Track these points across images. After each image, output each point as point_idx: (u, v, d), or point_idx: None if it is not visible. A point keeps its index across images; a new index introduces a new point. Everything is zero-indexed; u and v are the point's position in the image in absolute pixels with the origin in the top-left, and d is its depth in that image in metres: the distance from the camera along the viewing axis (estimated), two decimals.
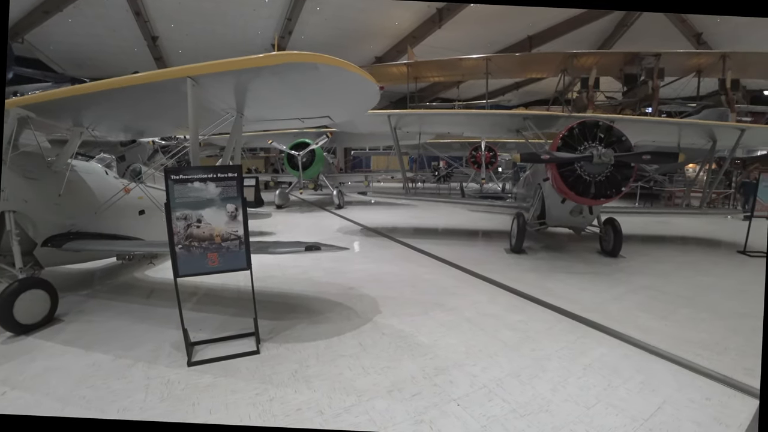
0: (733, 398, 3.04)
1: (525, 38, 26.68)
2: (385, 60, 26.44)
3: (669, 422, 2.71)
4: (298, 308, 4.72)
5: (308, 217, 12.41)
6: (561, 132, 6.47)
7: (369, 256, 7.43)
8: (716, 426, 2.70)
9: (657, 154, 6.15)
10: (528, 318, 4.48)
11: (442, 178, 22.43)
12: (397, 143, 9.50)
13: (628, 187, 6.35)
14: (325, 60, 3.28)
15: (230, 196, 3.40)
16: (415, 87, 23.53)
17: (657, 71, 18.29)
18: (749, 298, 5.44)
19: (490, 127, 10.22)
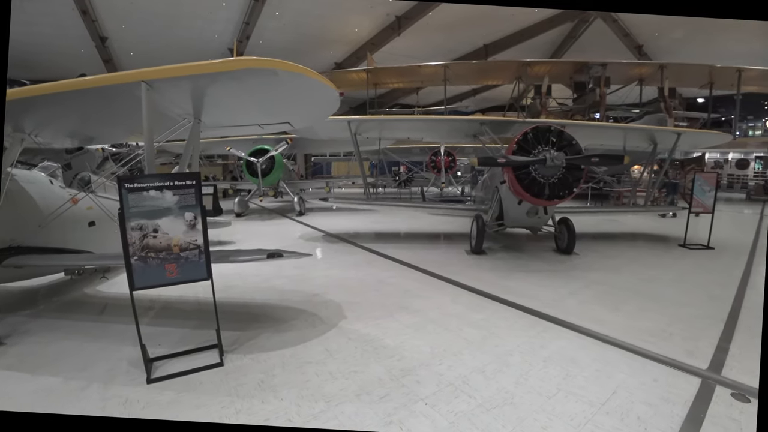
0: (677, 378, 3.32)
1: (481, 47, 27.57)
2: (344, 66, 26.51)
3: (623, 404, 2.92)
4: (262, 317, 4.64)
5: (269, 224, 12.19)
6: (516, 137, 6.76)
7: (332, 262, 7.41)
8: (664, 404, 2.94)
9: (605, 156, 6.55)
10: (490, 316, 4.63)
11: (402, 183, 22.68)
12: (357, 149, 9.56)
13: (579, 187, 6.71)
14: (284, 66, 3.27)
15: (188, 205, 3.31)
16: (375, 93, 23.73)
17: (603, 80, 19.46)
18: (689, 288, 5.94)
19: (448, 132, 10.50)
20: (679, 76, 20.55)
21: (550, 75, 20.75)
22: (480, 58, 26.83)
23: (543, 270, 6.76)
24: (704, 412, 2.87)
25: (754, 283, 6.25)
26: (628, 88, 21.17)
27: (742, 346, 3.98)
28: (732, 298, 5.46)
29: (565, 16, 25.06)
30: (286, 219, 13.17)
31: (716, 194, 9.21)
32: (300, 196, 14.34)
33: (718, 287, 5.95)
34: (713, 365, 3.57)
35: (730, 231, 11.17)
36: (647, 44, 26.42)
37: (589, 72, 19.96)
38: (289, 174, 15.68)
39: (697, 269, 7.14)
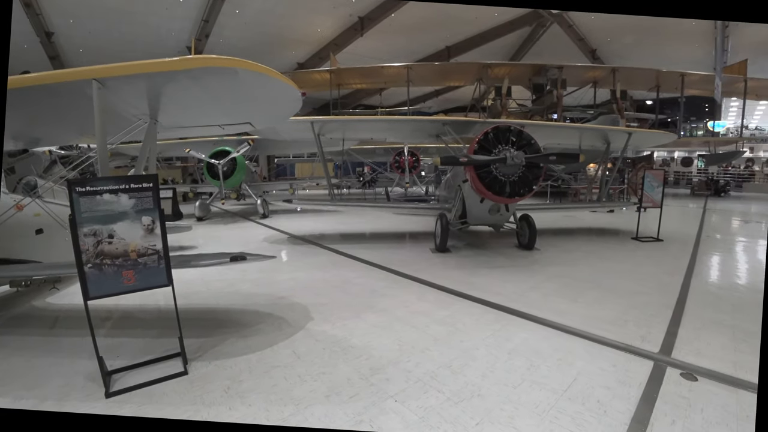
0: (633, 362, 3.53)
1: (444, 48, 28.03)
2: (307, 66, 26.25)
3: (584, 390, 3.08)
4: (227, 323, 4.53)
5: (232, 228, 11.88)
6: (477, 136, 6.92)
7: (298, 265, 7.33)
8: (621, 387, 3.12)
9: (561, 155, 6.83)
10: (456, 312, 4.73)
11: (367, 184, 22.71)
12: (321, 150, 9.49)
13: (538, 185, 6.96)
14: (245, 65, 3.20)
15: (146, 208, 3.19)
16: (338, 94, 23.64)
17: (560, 82, 20.27)
18: (641, 277, 6.31)
19: (411, 132, 10.61)
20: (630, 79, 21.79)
21: (509, 77, 21.43)
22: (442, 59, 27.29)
23: (506, 266, 6.97)
24: (657, 392, 3.07)
25: (699, 271, 6.73)
26: (583, 90, 22.19)
27: (689, 329, 4.28)
28: (679, 286, 5.85)
29: (523, 20, 25.88)
30: (249, 222, 12.89)
31: (664, 190, 9.79)
32: (263, 199, 14.05)
33: (668, 276, 6.36)
34: (664, 348, 3.82)
35: (677, 224, 11.88)
36: (600, 49, 27.89)
37: (546, 74, 20.76)
38: (251, 176, 15.34)
39: (649, 260, 7.59)
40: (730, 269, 7.26)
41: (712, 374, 3.35)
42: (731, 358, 3.64)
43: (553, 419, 2.73)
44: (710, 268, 7.14)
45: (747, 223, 13.80)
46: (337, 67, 21.99)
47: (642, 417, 2.75)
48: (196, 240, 9.47)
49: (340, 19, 23.81)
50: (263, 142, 13.83)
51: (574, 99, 22.74)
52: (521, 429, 2.64)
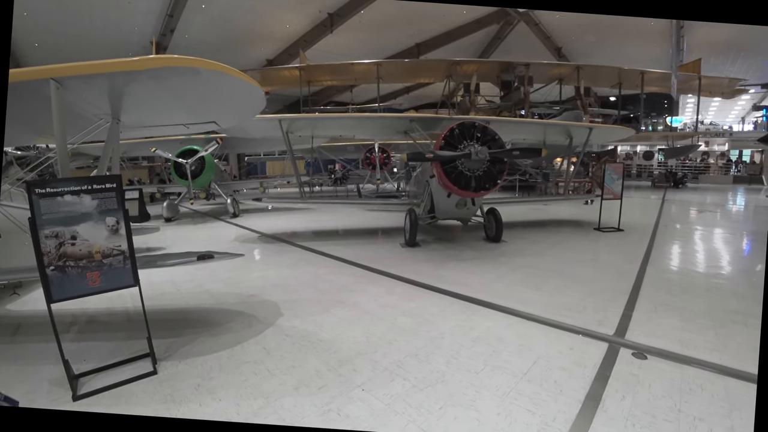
0: (589, 345, 3.77)
1: (413, 45, 28.22)
2: (276, 63, 25.93)
3: (542, 372, 3.27)
4: (197, 322, 4.53)
5: (201, 228, 11.70)
6: (443, 132, 7.09)
7: (269, 263, 7.33)
8: (577, 368, 3.34)
9: (524, 149, 7.11)
10: (423, 304, 4.88)
11: (338, 181, 22.71)
12: (290, 148, 9.46)
13: (503, 179, 7.20)
14: (207, 65, 3.21)
15: (110, 209, 3.18)
16: (308, 91, 23.49)
17: (527, 79, 20.80)
18: (601, 266, 6.69)
19: (380, 129, 10.72)
20: (593, 76, 22.61)
21: (478, 74, 21.84)
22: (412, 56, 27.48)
23: (473, 258, 7.18)
24: (610, 371, 3.29)
25: (655, 259, 7.13)
26: (549, 86, 22.84)
27: (642, 312, 4.58)
28: (636, 273, 6.19)
29: (491, 18, 26.36)
30: (219, 222, 12.72)
31: (623, 182, 10.26)
32: (233, 198, 13.87)
33: (626, 264, 6.71)
34: (618, 331, 4.07)
35: (638, 214, 12.45)
36: (566, 47, 28.79)
37: (514, 71, 21.28)
38: (220, 175, 15.09)
39: (609, 249, 7.99)
40: (683, 256, 7.73)
41: (660, 353, 3.61)
42: (678, 337, 3.93)
43: (512, 400, 2.89)
44: (665, 255, 7.57)
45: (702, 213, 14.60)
46: (306, 64, 21.86)
47: (595, 394, 2.96)
48: (165, 241, 9.30)
49: (309, 15, 23.61)
50: (232, 141, 13.62)
51: (541, 95, 23.38)
52: (482, 410, 2.79)
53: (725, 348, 3.71)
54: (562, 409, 2.80)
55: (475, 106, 21.73)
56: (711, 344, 3.79)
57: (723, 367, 3.36)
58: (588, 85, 23.03)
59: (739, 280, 6.09)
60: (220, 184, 14.30)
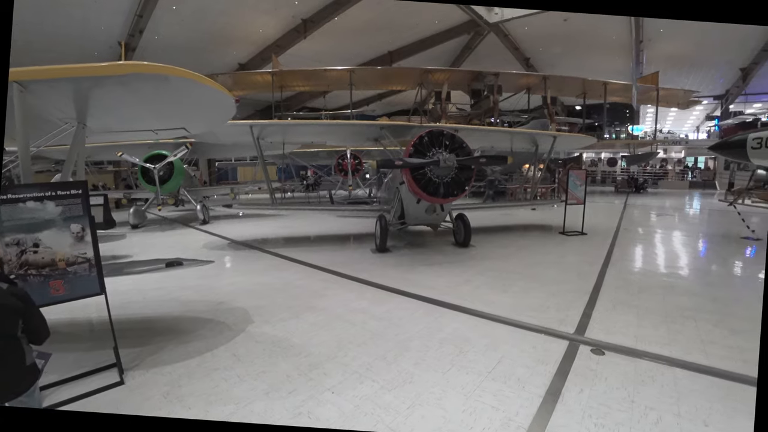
0: (551, 343, 3.95)
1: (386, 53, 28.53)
2: (249, 67, 25.67)
3: (506, 370, 3.41)
4: (165, 331, 4.46)
5: (170, 235, 11.44)
6: (412, 140, 7.26)
7: (239, 270, 7.27)
8: (539, 365, 3.50)
9: (491, 157, 7.35)
10: (393, 308, 4.97)
11: (310, 187, 22.62)
12: (261, 154, 9.40)
13: (470, 186, 7.40)
14: (176, 72, 3.19)
15: (74, 216, 3.13)
16: (281, 96, 23.37)
17: (496, 88, 21.38)
18: (565, 268, 6.96)
19: (351, 136, 10.81)
20: (559, 86, 23.49)
21: (449, 82, 22.30)
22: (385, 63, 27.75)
23: (442, 262, 7.34)
24: (569, 367, 3.47)
25: (615, 260, 7.50)
26: (517, 95, 23.55)
27: (602, 311, 4.83)
28: (597, 274, 6.50)
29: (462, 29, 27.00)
30: (188, 228, 12.45)
31: (586, 188, 10.70)
32: (203, 204, 13.59)
33: (588, 265, 7.03)
34: (579, 329, 4.28)
35: (601, 218, 12.96)
36: (533, 58, 29.85)
37: (483, 80, 21.83)
38: (190, 180, 14.78)
39: (572, 252, 8.32)
40: (642, 257, 8.16)
41: (617, 348, 3.83)
42: (633, 333, 4.18)
43: (477, 398, 3.02)
44: (625, 257, 7.94)
45: (660, 216, 15.35)
46: (279, 68, 21.74)
47: (555, 389, 3.12)
48: (131, 248, 9.08)
49: (282, 20, 23.52)
50: (202, 146, 13.39)
51: (510, 104, 24.07)
52: (448, 408, 2.89)
53: (675, 342, 3.98)
54: (524, 404, 2.94)
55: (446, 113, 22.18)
56: (663, 339, 4.05)
57: (672, 359, 3.61)
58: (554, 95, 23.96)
59: (692, 279, 6.50)
60: (190, 189, 14.00)
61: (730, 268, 7.51)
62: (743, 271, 7.37)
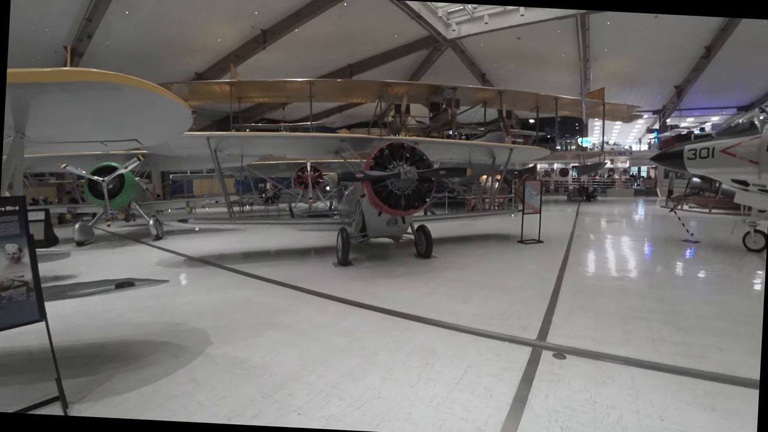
0: (515, 350, 4.02)
1: (346, 66, 28.70)
2: (206, 77, 25.01)
3: (473, 380, 3.42)
4: (115, 357, 4.14)
5: (120, 252, 10.81)
6: (373, 153, 7.30)
7: (196, 288, 6.96)
8: (505, 373, 3.54)
9: (451, 169, 7.51)
10: (356, 322, 4.91)
11: (269, 200, 22.18)
12: (218, 166, 9.09)
13: (431, 197, 7.51)
14: (129, 81, 3.01)
15: (10, 234, 2.87)
16: (239, 107, 22.89)
17: (454, 101, 21.97)
18: (524, 275, 7.19)
19: (311, 148, 10.74)
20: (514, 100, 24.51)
21: (408, 95, 22.72)
22: (345, 76, 27.92)
23: (405, 274, 7.36)
24: (534, 372, 3.53)
25: (571, 266, 7.82)
26: (474, 109, 24.33)
27: (561, 316, 4.99)
28: (554, 280, 6.73)
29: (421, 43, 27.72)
30: (140, 245, 11.82)
31: (542, 197, 11.13)
32: (156, 219, 12.92)
33: (546, 272, 7.28)
34: (540, 335, 4.39)
35: (556, 226, 13.50)
36: (489, 73, 31.20)
37: (442, 94, 22.38)
38: (142, 194, 14.05)
39: (531, 259, 8.60)
40: (595, 262, 8.58)
41: (577, 351, 3.95)
42: (592, 336, 4.34)
43: (446, 410, 3.00)
44: (580, 263, 8.30)
45: (610, 223, 16.19)
46: (238, 79, 21.32)
47: (522, 396, 3.16)
48: (77, 268, 8.47)
49: (242, 30, 23.16)
50: (156, 157, 12.75)
51: (467, 117, 24.83)
52: (418, 422, 2.86)
53: (630, 342, 4.17)
54: (493, 413, 2.95)
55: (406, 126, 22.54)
56: (619, 339, 4.23)
57: (628, 359, 3.77)
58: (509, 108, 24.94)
59: (641, 281, 6.87)
60: (142, 203, 13.31)
61: (673, 270, 8.05)
62: (684, 271, 7.93)
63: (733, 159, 8.02)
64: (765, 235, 8.75)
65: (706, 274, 7.50)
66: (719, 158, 8.32)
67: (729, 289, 6.40)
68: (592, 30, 25.53)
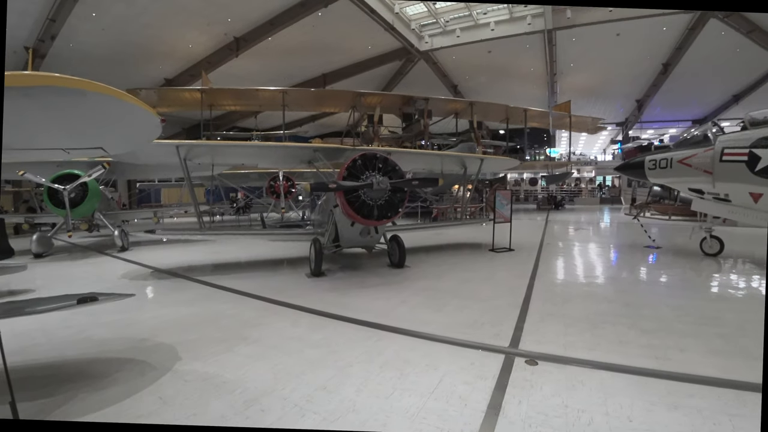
0: (488, 358, 4.06)
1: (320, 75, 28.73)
2: (176, 83, 24.46)
3: (448, 389, 3.43)
4: (77, 377, 3.91)
5: (82, 264, 10.33)
6: (346, 163, 7.31)
7: (163, 301, 6.70)
8: (479, 381, 3.56)
9: (423, 179, 7.61)
10: (330, 334, 4.84)
11: (240, 210, 21.73)
12: (187, 175, 8.87)
13: (403, 207, 7.56)
14: (95, 87, 2.89)
15: None
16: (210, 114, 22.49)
17: (427, 112, 22.31)
18: (496, 283, 7.33)
19: (283, 158, 10.64)
20: (485, 112, 25.17)
21: (381, 106, 22.96)
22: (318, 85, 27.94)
23: (378, 284, 7.33)
24: (507, 379, 3.57)
25: (541, 274, 8.00)
26: (446, 119, 24.81)
27: (532, 323, 5.08)
28: (525, 287, 6.87)
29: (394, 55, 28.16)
30: (104, 256, 11.33)
31: (512, 206, 11.38)
32: (122, 229, 12.40)
33: (517, 280, 7.41)
34: (513, 342, 4.45)
35: (526, 235, 13.78)
36: (461, 85, 32.06)
37: (414, 105, 22.73)
38: (107, 203, 13.48)
39: (502, 267, 8.76)
40: (563, 269, 8.82)
41: (548, 357, 4.02)
42: (562, 341, 4.44)
43: (422, 420, 2.99)
44: (549, 270, 8.50)
45: (577, 230, 16.70)
46: (209, 86, 20.98)
47: (496, 403, 3.19)
48: (34, 282, 8.04)
49: (214, 37, 22.86)
50: (122, 165, 12.27)
51: (439, 128, 25.30)
52: None
53: (599, 346, 4.29)
54: (468, 421, 2.96)
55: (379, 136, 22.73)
56: (588, 344, 4.35)
57: (597, 363, 3.88)
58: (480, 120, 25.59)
59: (607, 287, 7.13)
60: (106, 213, 12.79)
61: (637, 275, 8.37)
62: (648, 276, 8.27)
63: (690, 169, 8.47)
64: (720, 240, 9.24)
65: (667, 279, 7.83)
66: (677, 168, 8.78)
67: (689, 293, 6.69)
68: (559, 45, 26.65)
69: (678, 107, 35.26)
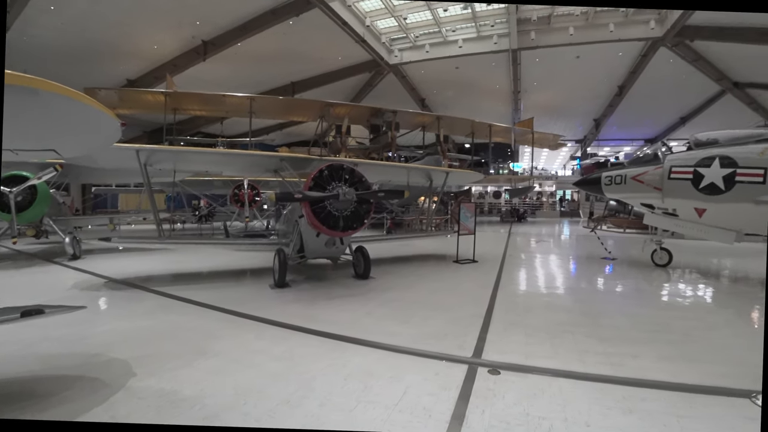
0: (452, 368, 4.10)
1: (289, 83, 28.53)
2: (139, 84, 23.58)
3: (412, 400, 3.43)
4: (20, 396, 3.62)
5: (27, 273, 9.68)
6: (312, 173, 7.27)
7: (118, 313, 6.33)
8: (443, 391, 3.59)
9: (388, 191, 7.69)
10: (293, 346, 4.74)
11: (203, 218, 21.09)
12: (147, 181, 8.50)
13: (369, 219, 7.58)
14: (49, 86, 2.71)
15: None
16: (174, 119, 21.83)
17: (394, 124, 22.53)
18: (460, 294, 7.44)
19: (249, 166, 10.42)
20: (451, 126, 25.75)
21: (349, 116, 23.03)
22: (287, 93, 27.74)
23: (343, 295, 7.26)
24: (470, 389, 3.61)
25: (503, 284, 8.21)
26: (413, 132, 25.17)
27: (495, 333, 5.19)
28: (489, 298, 7.01)
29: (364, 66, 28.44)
30: (53, 265, 10.65)
31: (476, 219, 11.64)
32: (74, 236, 11.69)
33: (481, 290, 7.56)
34: (476, 352, 4.52)
35: (489, 246, 14.09)
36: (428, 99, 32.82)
37: (382, 117, 22.92)
38: (58, 208, 12.67)
39: (466, 279, 8.90)
40: (525, 280, 9.09)
41: (510, 366, 4.11)
42: (523, 350, 4.55)
43: None
44: (511, 281, 8.72)
45: (539, 242, 17.24)
46: (174, 89, 20.31)
47: (459, 413, 3.21)
48: None
49: (181, 39, 22.26)
50: (76, 168, 11.54)
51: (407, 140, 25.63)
52: None
53: (557, 355, 4.43)
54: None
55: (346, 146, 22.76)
56: (548, 353, 4.49)
57: (557, 371, 4.00)
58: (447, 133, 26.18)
59: (566, 297, 7.39)
60: (57, 219, 12.04)
61: (595, 285, 8.75)
62: (604, 286, 8.67)
63: (642, 185, 9.00)
64: (669, 252, 9.84)
65: (622, 289, 8.23)
66: (630, 185, 9.30)
67: (642, 302, 7.04)
68: (523, 65, 27.77)
69: (632, 127, 37.61)
